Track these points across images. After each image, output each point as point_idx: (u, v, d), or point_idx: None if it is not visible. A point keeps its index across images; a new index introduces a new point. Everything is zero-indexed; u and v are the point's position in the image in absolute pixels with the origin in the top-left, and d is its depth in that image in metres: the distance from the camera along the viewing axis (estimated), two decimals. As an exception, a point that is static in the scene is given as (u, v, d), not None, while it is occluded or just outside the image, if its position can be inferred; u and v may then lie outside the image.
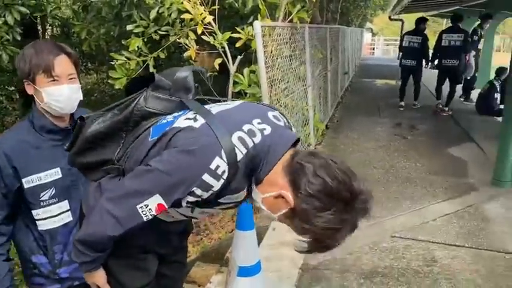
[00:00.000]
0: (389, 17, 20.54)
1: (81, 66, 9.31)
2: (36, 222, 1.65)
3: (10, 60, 4.11)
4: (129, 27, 3.60)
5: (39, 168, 1.59)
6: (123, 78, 3.63)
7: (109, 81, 3.76)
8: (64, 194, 1.65)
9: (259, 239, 2.86)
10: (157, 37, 3.66)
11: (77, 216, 1.63)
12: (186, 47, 3.70)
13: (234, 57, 3.83)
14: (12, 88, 7.57)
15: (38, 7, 4.64)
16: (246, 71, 3.86)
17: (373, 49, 29.51)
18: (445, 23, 19.05)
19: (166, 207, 1.13)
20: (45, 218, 1.65)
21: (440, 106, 7.90)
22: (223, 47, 3.65)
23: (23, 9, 3.97)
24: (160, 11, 3.38)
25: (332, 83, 7.56)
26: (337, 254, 2.99)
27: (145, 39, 3.68)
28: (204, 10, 3.45)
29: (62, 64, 1.58)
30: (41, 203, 1.63)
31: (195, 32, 3.66)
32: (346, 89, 10.47)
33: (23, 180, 1.58)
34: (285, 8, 3.99)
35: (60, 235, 1.68)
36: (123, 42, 3.69)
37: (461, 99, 9.11)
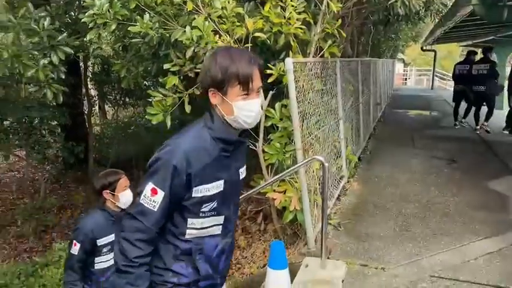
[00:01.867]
0: (422, 48, 20.42)
1: (120, 101, 9.69)
2: (187, 230, 1.63)
3: (54, 97, 4.34)
4: (166, 65, 3.74)
5: (209, 179, 1.57)
6: (159, 114, 3.75)
7: (146, 116, 3.90)
8: (221, 208, 1.64)
9: (292, 275, 2.82)
10: (192, 74, 3.79)
11: (225, 233, 1.70)
12: (220, 83, 3.81)
13: (265, 92, 3.90)
14: (55, 123, 7.93)
15: (81, 47, 4.92)
16: (277, 105, 3.92)
17: (406, 79, 29.22)
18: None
19: None
20: (197, 228, 1.63)
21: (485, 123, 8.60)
22: (255, 83, 3.72)
23: (67, 49, 4.21)
24: (195, 50, 3.51)
25: (364, 114, 7.51)
26: None
27: (181, 77, 3.81)
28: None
29: (258, 77, 1.55)
30: (200, 214, 1.61)
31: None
32: (378, 120, 10.35)
33: (193, 189, 1.55)
34: (316, 44, 4.06)
35: (206, 246, 1.66)
36: (160, 80, 3.84)
37: (505, 131, 8.82)
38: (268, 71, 3.71)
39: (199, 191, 1.55)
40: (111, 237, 2.77)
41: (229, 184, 1.63)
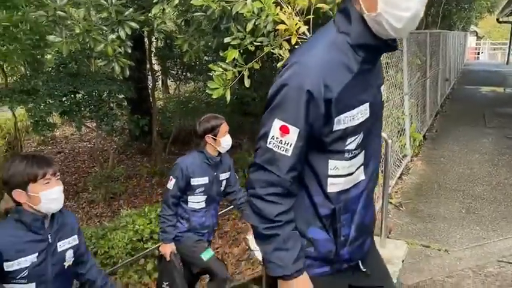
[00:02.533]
0: (498, 20, 18.81)
1: (181, 75, 9.93)
2: (329, 180, 1.25)
3: (121, 71, 4.52)
4: (226, 39, 3.74)
5: (353, 103, 1.20)
6: (220, 89, 3.78)
7: (207, 91, 3.95)
8: (366, 142, 1.28)
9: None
10: (252, 48, 3.76)
11: (369, 175, 1.32)
12: (279, 57, 3.75)
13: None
14: (122, 96, 8.31)
15: (146, 22, 5.05)
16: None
17: (478, 54, 27.22)
18: None
19: None
20: (342, 175, 1.26)
21: None
22: (317, 56, 3.63)
23: (133, 24, 4.33)
24: (256, 23, 3.47)
25: (431, 90, 7.12)
26: (436, 276, 2.79)
27: (241, 51, 3.80)
28: (299, 20, 3.47)
29: None
30: (346, 154, 1.24)
31: (288, 41, 3.69)
32: (447, 96, 9.78)
33: (335, 119, 1.18)
34: (382, 15, 3.85)
35: (351, 200, 1.29)
36: (220, 54, 3.86)
37: None
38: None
39: (342, 122, 1.18)
40: (205, 180, 2.93)
41: (374, 108, 1.26)
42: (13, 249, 1.74)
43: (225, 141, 2.93)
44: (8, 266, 1.73)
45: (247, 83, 3.88)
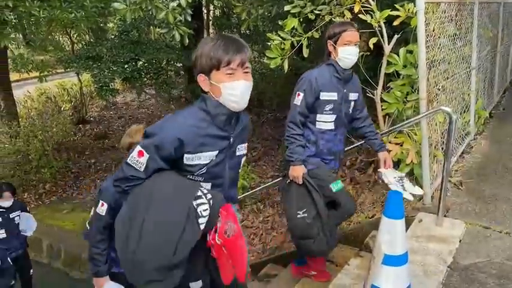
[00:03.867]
0: None
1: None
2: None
3: (181, 39, 4.61)
4: (286, 7, 3.69)
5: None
6: (277, 58, 3.77)
7: (265, 60, 3.95)
8: None
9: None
10: (312, 17, 3.69)
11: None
12: (340, 26, 3.65)
13: (388, 37, 3.65)
14: (180, 65, 8.51)
15: (205, -10, 5.09)
16: (402, 51, 3.65)
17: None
18: None
19: None
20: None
21: None
22: (379, 26, 3.50)
23: (194, -8, 4.38)
24: (318, -10, 3.39)
25: (501, 65, 6.64)
26: (494, 257, 2.69)
27: (301, 19, 3.74)
28: (363, -13, 3.35)
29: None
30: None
31: (351, 10, 3.58)
32: (518, 72, 9.08)
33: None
34: (454, -18, 3.61)
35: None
36: (279, 23, 3.82)
37: None
38: (395, 13, 3.45)
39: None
40: (334, 96, 2.67)
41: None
42: (196, 142, 1.64)
43: (344, 52, 2.60)
44: (189, 159, 1.65)
45: (305, 52, 3.84)
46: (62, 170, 8.28)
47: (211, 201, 1.62)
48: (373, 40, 3.57)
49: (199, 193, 1.62)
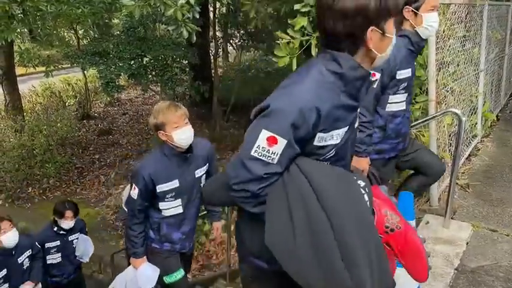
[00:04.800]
0: None
1: (244, 43, 9.94)
2: None
3: (189, 36, 4.60)
4: (296, 6, 3.67)
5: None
6: (286, 57, 3.75)
7: (273, 58, 3.94)
8: None
9: (412, 230, 2.73)
10: (322, 16, 3.67)
11: None
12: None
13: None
14: (185, 62, 8.50)
15: (213, -12, 5.08)
16: (411, 52, 3.63)
17: None
18: None
19: None
20: None
21: None
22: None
23: (202, -10, 4.37)
24: (328, -11, 3.37)
25: (508, 68, 6.61)
26: (501, 261, 2.68)
27: (311, 18, 3.72)
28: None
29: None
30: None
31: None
32: (524, 76, 9.04)
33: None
34: (465, -17, 3.60)
35: None
36: (289, 22, 3.80)
37: None
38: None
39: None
40: (409, 73, 2.34)
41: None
42: (331, 115, 1.33)
43: (430, 19, 2.27)
44: (321, 139, 1.34)
45: (314, 52, 3.82)
46: (66, 165, 8.30)
47: (366, 189, 1.28)
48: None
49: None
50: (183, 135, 2.46)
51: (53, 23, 7.80)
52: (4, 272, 3.19)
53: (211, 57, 9.91)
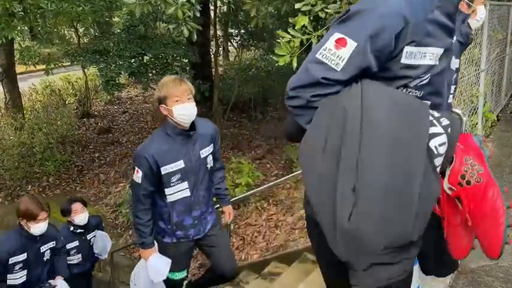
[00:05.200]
0: None
1: (244, 42, 9.93)
2: None
3: (189, 35, 4.59)
4: (297, 5, 3.67)
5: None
6: (286, 56, 3.75)
7: (273, 57, 3.94)
8: None
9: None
10: (323, 15, 3.68)
11: None
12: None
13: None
14: (186, 60, 8.50)
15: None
16: (412, 51, 3.63)
17: None
18: None
19: None
20: None
21: None
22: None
23: (203, -12, 4.36)
24: (329, -11, 3.37)
25: (509, 68, 6.61)
26: (501, 261, 2.68)
27: (311, 17, 3.72)
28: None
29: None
30: None
31: (361, 9, 3.56)
32: (525, 76, 9.04)
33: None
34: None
35: None
36: (290, 20, 3.80)
37: None
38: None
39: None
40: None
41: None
42: (422, 27, 1.14)
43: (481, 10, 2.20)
44: (410, 55, 1.13)
45: (315, 51, 3.82)
46: (66, 163, 8.29)
47: (448, 129, 1.05)
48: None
49: (431, 118, 1.05)
50: (183, 110, 2.37)
51: (54, 21, 7.79)
52: (24, 256, 3.12)
53: (212, 56, 9.89)
